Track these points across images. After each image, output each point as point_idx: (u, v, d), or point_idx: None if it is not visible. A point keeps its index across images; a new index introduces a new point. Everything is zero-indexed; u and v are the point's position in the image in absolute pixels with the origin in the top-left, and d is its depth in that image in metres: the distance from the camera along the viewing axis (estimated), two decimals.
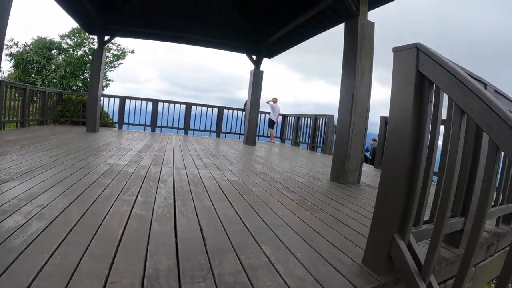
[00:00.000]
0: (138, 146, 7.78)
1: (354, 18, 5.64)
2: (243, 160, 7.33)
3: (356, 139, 5.60)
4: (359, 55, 5.43)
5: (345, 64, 5.75)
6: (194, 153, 7.44)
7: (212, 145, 10.31)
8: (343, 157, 5.62)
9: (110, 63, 20.45)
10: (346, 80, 5.67)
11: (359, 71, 5.47)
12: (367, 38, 5.58)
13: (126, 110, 13.49)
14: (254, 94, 11.73)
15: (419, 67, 2.02)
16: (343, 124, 5.71)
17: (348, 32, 5.78)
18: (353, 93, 5.45)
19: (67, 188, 3.30)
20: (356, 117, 5.53)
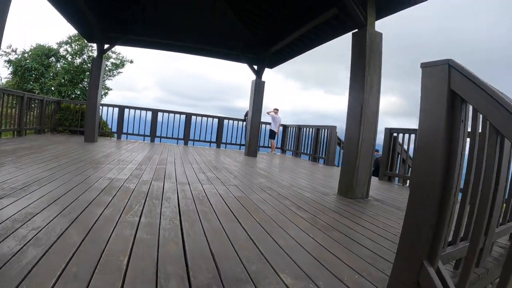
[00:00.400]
0: (138, 158, 7.57)
1: (361, 29, 5.51)
2: (247, 173, 7.11)
3: (364, 153, 5.43)
4: (367, 67, 5.28)
5: (353, 76, 5.59)
6: (196, 166, 7.24)
7: (212, 156, 10.11)
8: (351, 172, 5.43)
9: (109, 72, 20.26)
10: (354, 93, 5.50)
11: (368, 84, 5.31)
12: (376, 49, 5.44)
13: (125, 120, 13.28)
14: (256, 104, 11.56)
15: (451, 84, 1.86)
16: (351, 138, 5.53)
17: (356, 44, 5.63)
18: (362, 106, 5.29)
19: (65, 207, 3.09)
20: (365, 131, 5.36)
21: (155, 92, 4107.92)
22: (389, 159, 8.32)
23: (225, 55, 12.62)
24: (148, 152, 9.02)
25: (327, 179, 7.69)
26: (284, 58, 12.08)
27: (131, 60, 21.06)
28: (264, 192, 5.01)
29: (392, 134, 8.24)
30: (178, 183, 5.00)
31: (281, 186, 5.75)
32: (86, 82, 17.81)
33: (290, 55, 11.57)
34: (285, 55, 11.77)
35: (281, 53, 11.67)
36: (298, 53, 10.99)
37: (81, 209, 3.10)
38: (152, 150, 9.93)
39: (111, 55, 20.00)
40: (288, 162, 11.28)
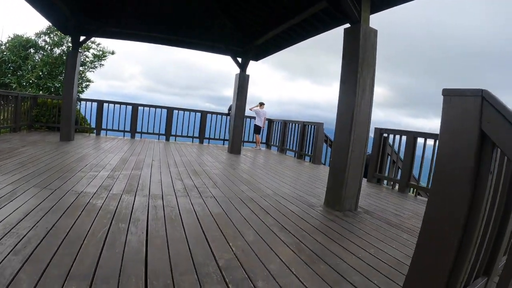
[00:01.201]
0: (113, 161, 7.09)
1: (355, 25, 5.03)
2: (228, 178, 6.67)
3: (355, 163, 5.03)
4: (360, 68, 4.82)
5: (344, 76, 5.13)
6: (174, 170, 6.80)
7: (194, 155, 9.67)
8: (340, 184, 5.03)
9: (90, 63, 19.51)
10: (345, 97, 5.05)
11: (360, 86, 4.86)
12: (370, 48, 4.97)
13: (104, 115, 12.72)
14: (239, 100, 11.11)
15: (482, 124, 1.45)
16: (340, 147, 5.11)
17: (348, 41, 5.16)
18: (353, 112, 4.85)
19: (20, 238, 2.67)
20: (356, 139, 4.95)
21: (141, 81, 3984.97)
22: (378, 161, 7.99)
23: (209, 48, 12.14)
24: (126, 153, 8.54)
25: (313, 183, 7.33)
26: (270, 51, 11.65)
27: (112, 51, 20.28)
28: (245, 207, 4.60)
29: (382, 135, 7.92)
30: (151, 196, 4.57)
31: (264, 196, 5.35)
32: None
33: (277, 48, 11.15)
34: (271, 48, 11.33)
35: (267, 46, 11.23)
36: (284, 46, 10.57)
37: (38, 240, 2.70)
38: (131, 149, 9.46)
39: (91, 45, 19.22)
40: (272, 160, 10.87)
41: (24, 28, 45.70)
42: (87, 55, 18.94)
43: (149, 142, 11.86)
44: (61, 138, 9.71)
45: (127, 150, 9.04)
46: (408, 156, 7.25)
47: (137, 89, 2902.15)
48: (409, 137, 7.21)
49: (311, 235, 3.73)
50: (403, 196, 6.95)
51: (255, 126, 14.37)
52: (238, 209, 4.45)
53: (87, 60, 19.00)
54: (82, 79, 18.77)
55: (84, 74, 18.94)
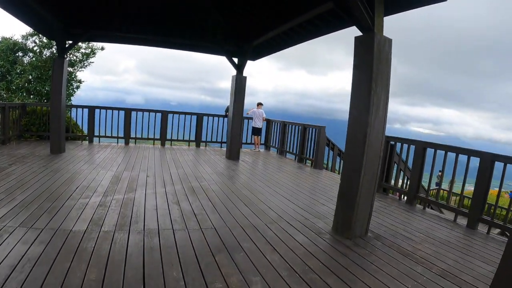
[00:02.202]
0: (105, 180, 6.70)
1: (367, 34, 4.53)
2: (227, 197, 6.24)
3: (367, 187, 4.64)
4: (374, 84, 4.38)
5: (355, 92, 4.69)
6: (170, 189, 6.40)
7: (191, 164, 9.28)
8: (350, 209, 4.65)
9: (80, 63, 18.92)
10: (357, 115, 4.62)
11: (374, 104, 4.43)
12: (384, 61, 4.50)
13: (96, 121, 12.24)
14: (237, 104, 10.68)
15: None
16: (351, 170, 4.71)
17: (359, 52, 4.67)
18: (367, 133, 4.43)
19: None
20: (369, 161, 4.56)
21: (136, 75, 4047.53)
22: (385, 170, 7.64)
23: (203, 48, 11.72)
24: (119, 166, 8.16)
25: (317, 196, 6.99)
26: (268, 51, 11.18)
27: (102, 47, 19.66)
28: (248, 241, 4.22)
29: (389, 143, 7.56)
30: (146, 232, 4.19)
31: (268, 223, 4.97)
32: None
33: (275, 49, 10.69)
34: (270, 49, 10.88)
35: (266, 46, 10.79)
36: (284, 47, 10.12)
37: None
38: (124, 160, 9.07)
39: (81, 45, 18.62)
40: (272, 166, 10.45)
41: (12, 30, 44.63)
42: (76, 56, 18.35)
43: (144, 149, 11.46)
44: (52, 151, 9.29)
45: (121, 163, 8.65)
46: (416, 167, 6.90)
47: (131, 84, 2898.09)
48: (418, 147, 6.86)
49: (321, 277, 3.39)
50: (411, 209, 6.64)
51: (253, 129, 13.98)
52: (241, 245, 4.07)
53: (77, 60, 18.43)
54: (73, 80, 18.26)
55: (74, 74, 18.39)
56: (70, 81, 17.92)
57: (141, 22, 9.83)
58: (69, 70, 17.84)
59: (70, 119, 12.43)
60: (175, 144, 13.53)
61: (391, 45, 4.59)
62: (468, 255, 4.43)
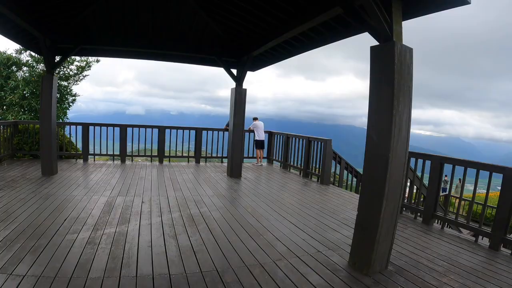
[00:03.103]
0: (97, 208, 6.14)
1: (385, 44, 3.95)
2: (230, 227, 5.61)
3: (389, 216, 4.08)
4: (396, 102, 3.80)
5: (374, 113, 4.10)
6: (167, 218, 5.83)
7: (190, 185, 8.69)
8: (369, 243, 4.08)
9: (74, 76, 18.40)
10: (376, 139, 4.04)
11: (396, 126, 3.84)
12: (407, 74, 3.92)
13: (91, 138, 11.68)
14: (237, 118, 10.13)
15: None
16: (371, 198, 4.15)
17: (377, 65, 4.08)
18: (388, 159, 3.86)
19: None
20: (391, 190, 3.99)
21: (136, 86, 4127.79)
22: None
23: (199, 60, 11.28)
24: (113, 190, 7.62)
25: (328, 220, 6.45)
26: (269, 61, 10.66)
27: (97, 59, 19.14)
28: (255, 284, 3.67)
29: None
30: (139, 279, 3.62)
31: (276, 259, 4.39)
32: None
33: (277, 59, 10.14)
34: (271, 59, 10.35)
35: (266, 56, 10.29)
36: (286, 56, 9.58)
37: None
38: (119, 181, 8.54)
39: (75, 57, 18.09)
40: (277, 183, 9.85)
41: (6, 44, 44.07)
42: (71, 69, 17.90)
43: (141, 167, 10.92)
44: (43, 172, 8.80)
45: (115, 185, 8.10)
46: (433, 184, 6.38)
47: (132, 94, 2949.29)
48: (434, 162, 6.33)
49: None
50: (429, 230, 6.14)
51: (256, 142, 13.44)
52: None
53: (71, 73, 17.95)
54: (68, 94, 17.77)
55: (69, 88, 17.90)
56: (65, 95, 17.49)
57: (134, 36, 9.36)
58: (64, 84, 17.48)
59: (64, 137, 11.92)
60: (173, 160, 12.98)
61: (412, 55, 4.02)
62: (498, 286, 4.00)
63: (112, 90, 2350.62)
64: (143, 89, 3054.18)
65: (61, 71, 17.44)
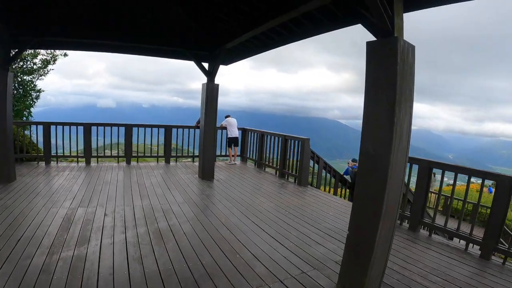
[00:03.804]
0: (54, 225, 5.42)
1: (386, 40, 3.40)
2: (203, 241, 5.11)
3: (385, 238, 3.63)
4: (397, 109, 3.27)
5: (371, 122, 3.57)
6: (132, 235, 5.19)
7: (159, 190, 8.06)
8: (363, 269, 3.60)
9: (39, 70, 17.36)
10: (374, 152, 3.51)
11: (397, 136, 3.33)
12: (409, 75, 3.40)
13: (53, 138, 10.83)
14: (208, 116, 9.51)
15: None
16: (365, 219, 3.66)
17: (376, 64, 3.52)
18: (387, 175, 3.34)
19: None
20: (389, 208, 3.52)
21: (107, 78, 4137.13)
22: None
23: (169, 54, 10.53)
24: (74, 199, 6.91)
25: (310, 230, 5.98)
26: (244, 55, 10.07)
27: (64, 53, 18.15)
28: None
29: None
30: None
31: (258, 286, 3.86)
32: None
33: (253, 51, 9.50)
34: (246, 52, 9.74)
35: (241, 50, 9.70)
36: (262, 49, 8.96)
37: None
38: (82, 187, 7.87)
39: (40, 50, 17.07)
40: (251, 185, 9.28)
41: None
42: (35, 62, 16.86)
43: (107, 170, 10.18)
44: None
45: (77, 193, 7.39)
46: (420, 189, 6.00)
47: (103, 87, 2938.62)
48: (422, 167, 5.95)
49: None
50: (416, 238, 5.84)
51: (229, 140, 12.86)
52: None
53: (35, 67, 16.93)
54: (32, 90, 16.77)
55: (34, 84, 16.88)
56: (28, 91, 16.48)
57: (98, 27, 8.54)
58: (27, 79, 16.43)
59: (24, 137, 11.06)
60: (142, 160, 12.26)
61: (415, 54, 3.50)
62: None
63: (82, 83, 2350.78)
64: (114, 82, 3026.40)
65: (24, 64, 16.47)
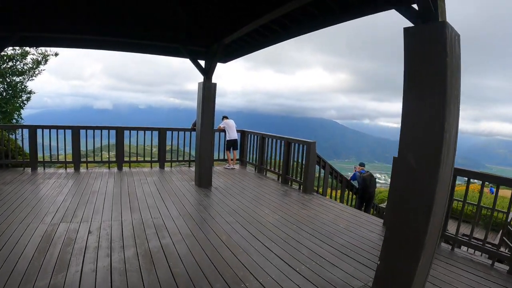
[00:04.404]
0: (32, 245, 4.64)
1: (433, 24, 2.70)
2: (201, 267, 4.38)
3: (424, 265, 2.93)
4: (448, 110, 2.61)
5: (415, 125, 2.88)
6: (118, 260, 4.40)
7: (151, 201, 7.28)
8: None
9: (29, 71, 16.65)
10: (417, 164, 2.83)
11: (446, 143, 2.64)
12: (456, 69, 2.71)
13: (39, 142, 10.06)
14: (206, 117, 8.75)
15: None
16: (403, 249, 2.96)
17: (420, 57, 2.81)
18: (436, 192, 2.66)
19: None
20: (432, 234, 2.84)
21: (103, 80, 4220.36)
22: None
23: (160, 49, 9.68)
24: (57, 212, 6.15)
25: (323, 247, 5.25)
26: (243, 51, 9.24)
27: (55, 53, 17.43)
28: None
29: None
30: None
31: None
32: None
33: (254, 47, 8.68)
34: (246, 48, 8.94)
35: (240, 45, 8.91)
36: (265, 45, 8.11)
37: None
38: (68, 197, 7.12)
39: (30, 50, 16.35)
40: (253, 193, 8.49)
41: None
42: (25, 63, 16.15)
43: (96, 177, 9.40)
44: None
45: (61, 205, 6.63)
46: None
47: (99, 88, 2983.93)
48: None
49: None
50: (439, 253, 5.18)
51: (227, 142, 12.13)
52: None
53: (25, 68, 16.21)
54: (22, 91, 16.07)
55: (24, 85, 16.17)
56: (18, 93, 15.80)
57: (82, 20, 7.75)
58: (17, 80, 15.77)
59: (9, 142, 10.32)
60: (135, 165, 11.51)
61: (460, 42, 2.80)
62: None
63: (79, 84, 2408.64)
64: (111, 83, 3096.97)
65: (14, 65, 15.81)
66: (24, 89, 16.17)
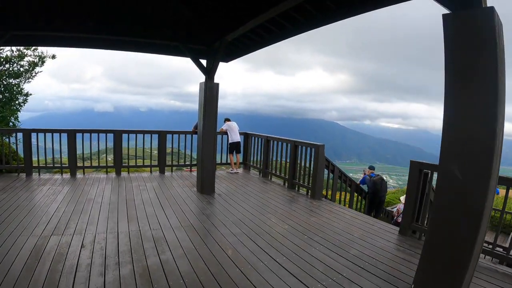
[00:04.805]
0: (20, 261, 4.19)
1: (479, 10, 2.32)
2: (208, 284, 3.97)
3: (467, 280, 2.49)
4: (499, 110, 2.21)
5: (463, 131, 2.46)
6: (113, 281, 3.96)
7: (150, 210, 6.84)
8: None
9: (26, 73, 16.26)
10: (464, 177, 2.41)
11: (497, 146, 2.27)
12: (502, 61, 2.24)
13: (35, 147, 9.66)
14: (208, 120, 8.31)
15: None
16: (445, 272, 2.49)
17: (464, 49, 2.41)
18: (485, 207, 2.28)
19: None
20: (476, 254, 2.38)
21: (103, 82, 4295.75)
22: (416, 207, 5.59)
23: (160, 48, 9.29)
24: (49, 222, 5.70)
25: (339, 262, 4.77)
26: (248, 48, 8.78)
27: (53, 55, 17.04)
28: None
29: (422, 171, 5.53)
30: None
31: None
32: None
33: (258, 44, 8.21)
34: (250, 45, 8.49)
35: (244, 42, 8.46)
36: (272, 40, 7.65)
37: None
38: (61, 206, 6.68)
39: (26, 51, 15.99)
40: (258, 200, 8.03)
41: None
42: (22, 64, 15.76)
43: (93, 183, 8.96)
44: None
45: (53, 215, 6.20)
46: None
47: (99, 91, 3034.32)
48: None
49: None
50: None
51: (230, 145, 11.69)
52: None
53: (21, 70, 15.83)
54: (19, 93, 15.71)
55: (20, 87, 15.79)
56: (15, 95, 15.44)
57: (77, 18, 7.33)
58: (13, 82, 15.42)
59: (3, 146, 9.89)
60: (134, 170, 11.06)
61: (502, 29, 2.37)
62: None
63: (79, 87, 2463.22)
64: (111, 86, 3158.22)
65: (10, 67, 15.46)
66: (21, 91, 15.83)
